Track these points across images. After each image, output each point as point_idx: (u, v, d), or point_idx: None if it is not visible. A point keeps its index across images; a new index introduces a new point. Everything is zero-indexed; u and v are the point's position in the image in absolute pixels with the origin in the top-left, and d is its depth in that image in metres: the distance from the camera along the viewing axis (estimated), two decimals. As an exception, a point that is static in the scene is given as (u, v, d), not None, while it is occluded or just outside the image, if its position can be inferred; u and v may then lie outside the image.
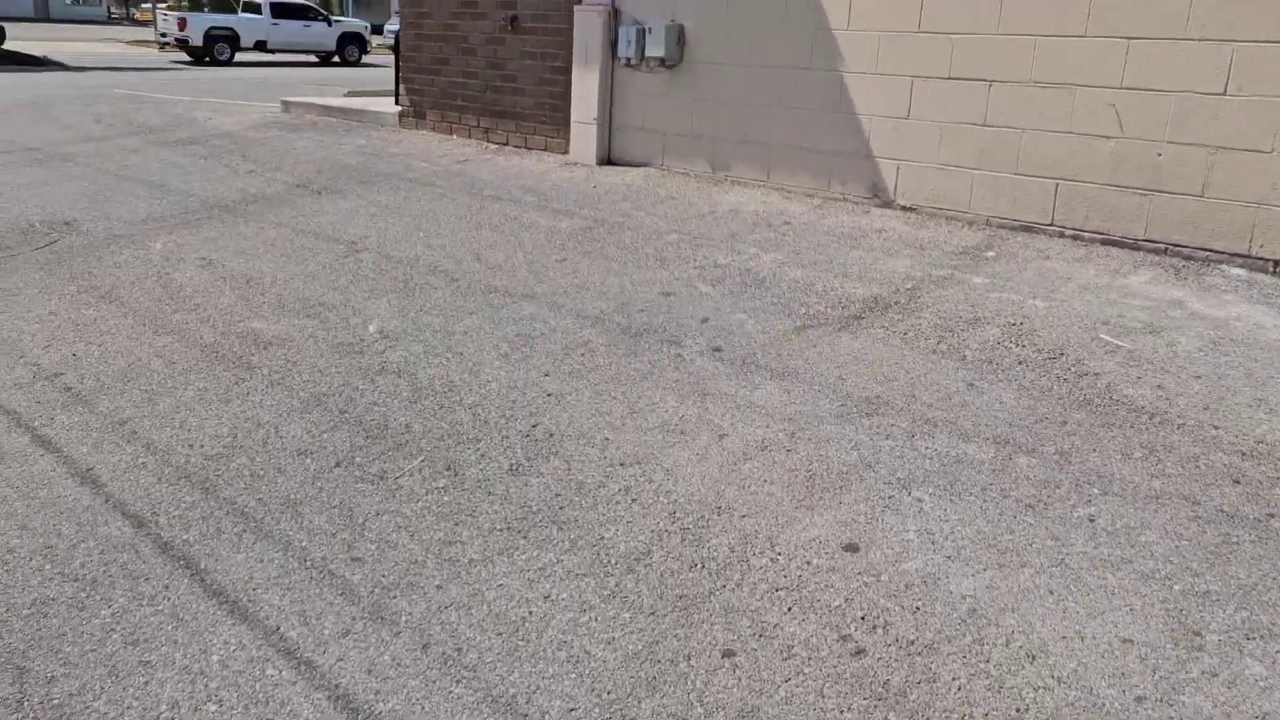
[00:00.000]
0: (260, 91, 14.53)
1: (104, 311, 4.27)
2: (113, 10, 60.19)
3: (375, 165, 7.42)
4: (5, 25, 24.71)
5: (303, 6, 31.30)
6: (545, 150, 7.74)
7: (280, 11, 29.34)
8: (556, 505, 2.70)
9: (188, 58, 27.42)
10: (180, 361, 3.70)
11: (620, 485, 2.79)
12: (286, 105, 10.22)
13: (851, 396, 3.33)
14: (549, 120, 7.64)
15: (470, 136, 8.33)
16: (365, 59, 30.55)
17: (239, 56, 27.47)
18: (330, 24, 30.28)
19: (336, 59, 29.74)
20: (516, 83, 7.80)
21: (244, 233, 5.54)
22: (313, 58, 29.66)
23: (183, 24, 27.23)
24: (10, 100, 11.91)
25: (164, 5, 41.41)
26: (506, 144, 8.06)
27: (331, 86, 15.74)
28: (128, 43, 38.28)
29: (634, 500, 2.71)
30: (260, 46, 28.18)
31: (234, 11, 31.45)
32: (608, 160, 7.27)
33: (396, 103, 9.59)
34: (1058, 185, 5.15)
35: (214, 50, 27.09)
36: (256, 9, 29.26)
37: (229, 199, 6.36)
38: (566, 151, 7.54)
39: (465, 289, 4.51)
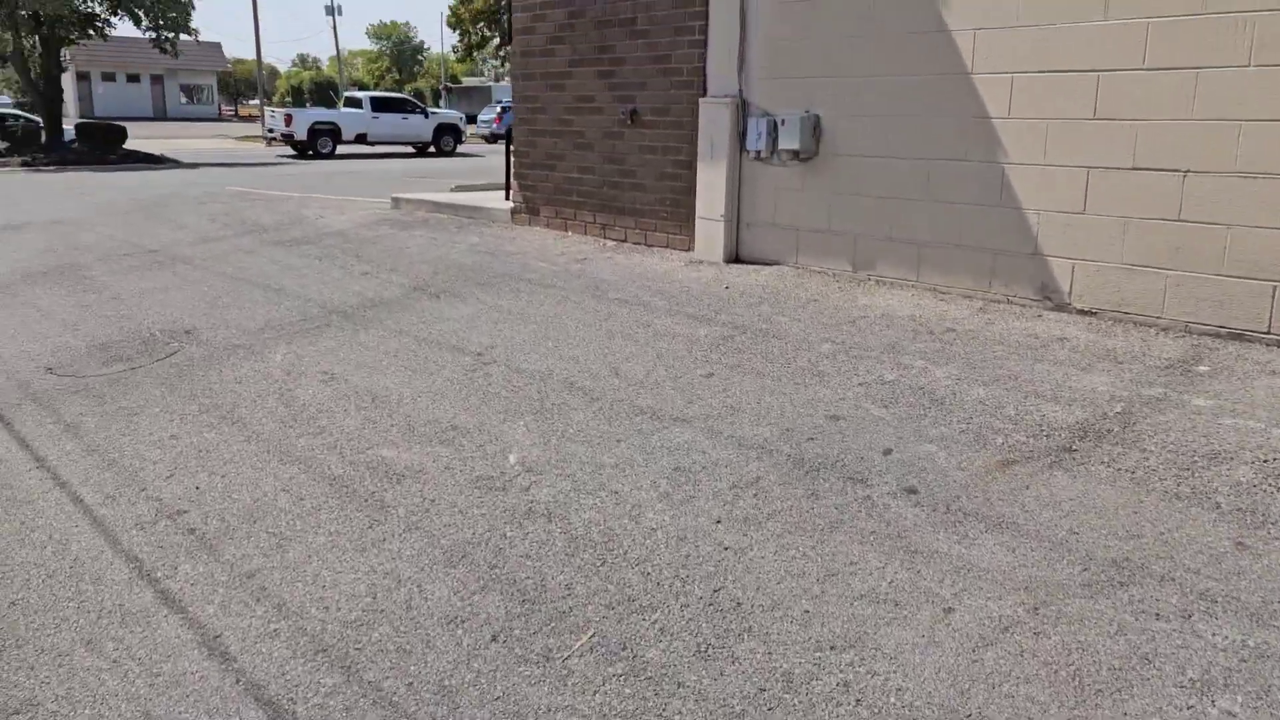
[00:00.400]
0: (365, 185, 14.94)
1: (226, 435, 4.08)
2: (224, 107, 64.43)
3: (492, 265, 7.29)
4: (128, 125, 26.42)
5: (401, 100, 32.83)
6: (667, 247, 7.50)
7: (380, 105, 30.73)
8: (764, 705, 2.26)
9: (292, 151, 28.73)
10: (308, 497, 3.44)
11: (837, 678, 2.34)
12: (396, 201, 10.33)
13: (1094, 557, 2.83)
14: (671, 216, 7.42)
15: (586, 233, 8.17)
16: (459, 148, 31.65)
17: (340, 149, 28.69)
18: (427, 116, 31.50)
19: (432, 149, 30.82)
20: (636, 178, 7.63)
21: (365, 342, 5.37)
22: (409, 148, 30.80)
23: (289, 120, 28.60)
24: (132, 200, 12.42)
25: (268, 102, 43.98)
26: (625, 241, 7.87)
27: (435, 178, 16.10)
28: (237, 138, 40.67)
29: (859, 700, 2.26)
30: (361, 139, 29.40)
31: (335, 106, 32.99)
32: (736, 258, 6.97)
33: (507, 198, 9.58)
34: (1275, 289, 4.58)
35: (317, 144, 28.31)
36: (358, 104, 30.72)
37: (347, 304, 6.25)
38: (690, 249, 7.28)
39: (608, 410, 4.17)
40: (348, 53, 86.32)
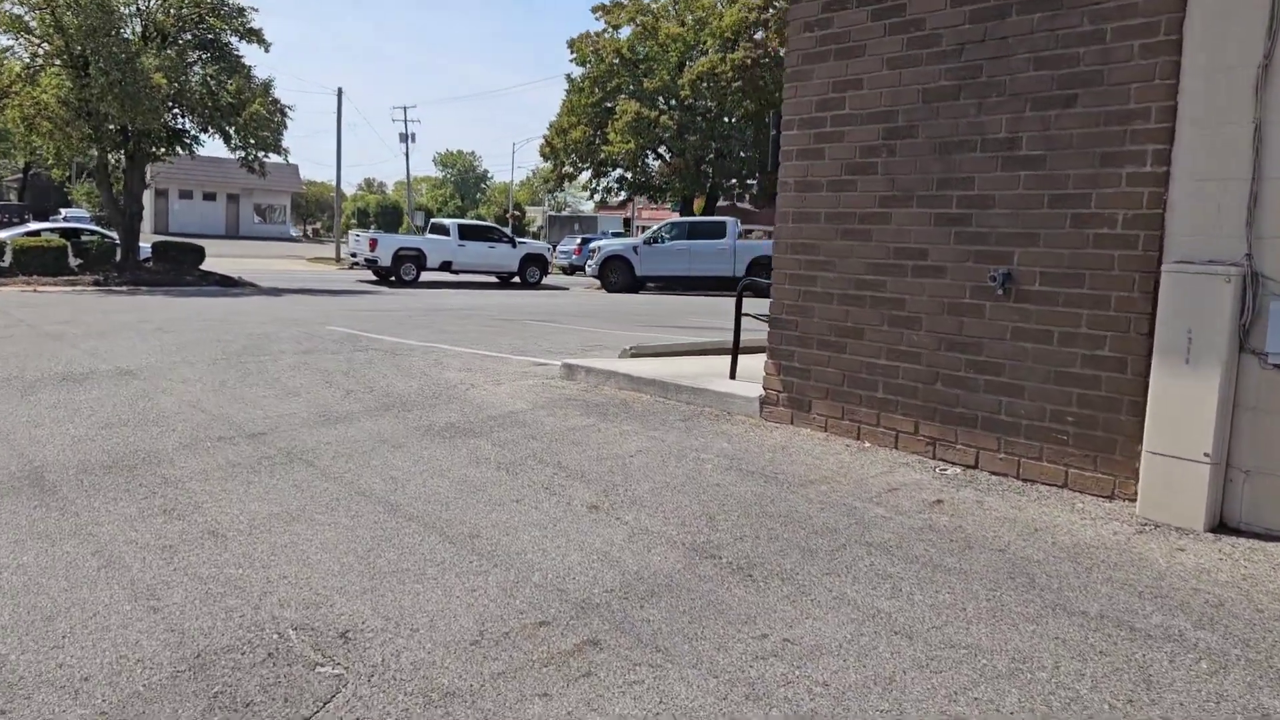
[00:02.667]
0: (487, 330, 12.69)
1: None
2: (295, 228, 65.22)
3: (791, 504, 4.75)
4: (203, 243, 25.26)
5: (488, 228, 32.07)
6: (1065, 487, 4.92)
7: (467, 233, 29.97)
8: None
9: (373, 277, 27.62)
10: None
11: None
12: (570, 370, 7.97)
13: None
14: (1076, 441, 4.86)
15: (898, 446, 5.63)
16: (544, 280, 30.75)
17: (423, 275, 27.55)
18: (514, 245, 30.56)
19: (517, 279, 29.68)
20: (1003, 375, 5.14)
21: (692, 709, 2.80)
22: (492, 277, 29.74)
23: (373, 244, 27.71)
24: (217, 342, 10.29)
25: (343, 224, 43.70)
26: (976, 466, 5.30)
27: (559, 322, 13.80)
28: (309, 259, 40.01)
29: None
30: (445, 267, 28.38)
31: (402, 229, 31.69)
32: (1220, 524, 4.36)
33: (733, 376, 7.17)
34: None
35: (400, 270, 27.21)
36: (444, 231, 29.76)
37: (600, 584, 3.73)
38: (1120, 496, 4.69)
39: None
40: (413, 178, 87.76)
